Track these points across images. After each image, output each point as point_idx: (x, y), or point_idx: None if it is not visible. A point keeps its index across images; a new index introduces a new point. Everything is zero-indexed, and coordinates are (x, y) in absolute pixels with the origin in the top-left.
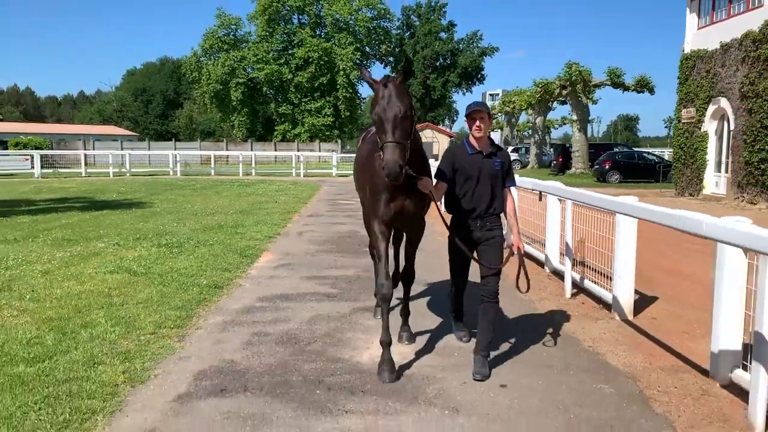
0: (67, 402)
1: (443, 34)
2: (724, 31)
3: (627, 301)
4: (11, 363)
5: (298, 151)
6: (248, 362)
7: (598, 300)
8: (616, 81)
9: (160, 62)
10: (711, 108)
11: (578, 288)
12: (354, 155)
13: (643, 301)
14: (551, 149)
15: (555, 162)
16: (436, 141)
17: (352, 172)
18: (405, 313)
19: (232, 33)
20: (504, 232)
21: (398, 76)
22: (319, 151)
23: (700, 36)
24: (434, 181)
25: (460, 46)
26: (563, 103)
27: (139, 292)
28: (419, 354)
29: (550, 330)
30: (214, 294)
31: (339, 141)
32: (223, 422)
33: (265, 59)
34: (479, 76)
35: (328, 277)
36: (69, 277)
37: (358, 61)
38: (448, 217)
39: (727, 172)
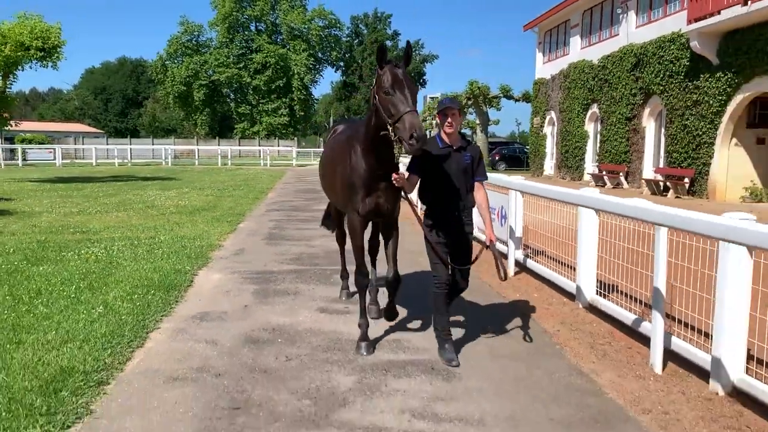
0: (234, 210)
1: (389, 42)
2: (553, 67)
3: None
4: (203, 207)
5: (259, 146)
6: (280, 207)
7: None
8: (506, 94)
9: (119, 62)
10: (547, 117)
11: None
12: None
13: None
14: None
15: None
16: None
17: (310, 164)
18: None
19: (194, 39)
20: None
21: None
22: (278, 146)
23: (544, 68)
24: (406, 174)
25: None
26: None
27: (226, 199)
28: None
29: None
30: (258, 199)
31: (295, 138)
32: (279, 210)
33: (226, 63)
34: (421, 80)
35: (302, 197)
36: (190, 198)
37: (311, 66)
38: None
39: (554, 160)
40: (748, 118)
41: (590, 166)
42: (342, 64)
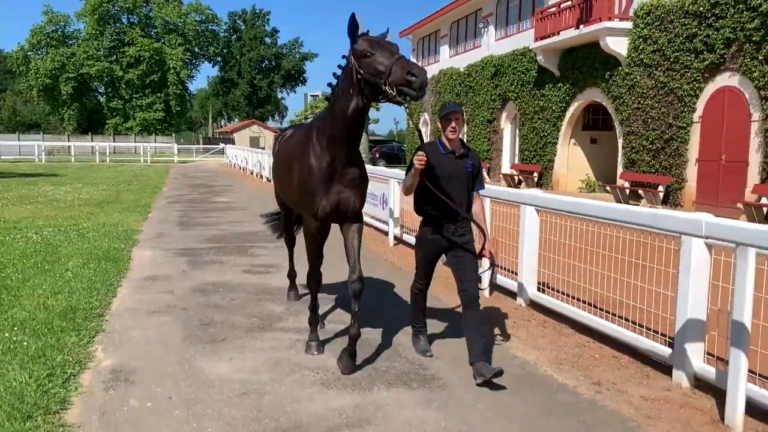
0: (138, 202)
1: (267, 39)
2: (427, 72)
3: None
4: (107, 200)
5: (136, 142)
6: (179, 199)
7: None
8: None
9: None
10: (422, 118)
11: None
12: (190, 147)
13: None
14: None
15: None
16: (262, 136)
17: (191, 160)
18: (353, 343)
19: (60, 29)
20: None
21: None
22: (155, 142)
23: None
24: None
25: (283, 50)
26: None
27: (125, 193)
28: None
29: None
30: (156, 193)
31: (173, 134)
32: (179, 202)
33: (96, 56)
34: (301, 78)
35: (197, 191)
36: (89, 192)
37: (187, 60)
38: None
39: None
40: (583, 121)
41: None
42: (220, 59)
